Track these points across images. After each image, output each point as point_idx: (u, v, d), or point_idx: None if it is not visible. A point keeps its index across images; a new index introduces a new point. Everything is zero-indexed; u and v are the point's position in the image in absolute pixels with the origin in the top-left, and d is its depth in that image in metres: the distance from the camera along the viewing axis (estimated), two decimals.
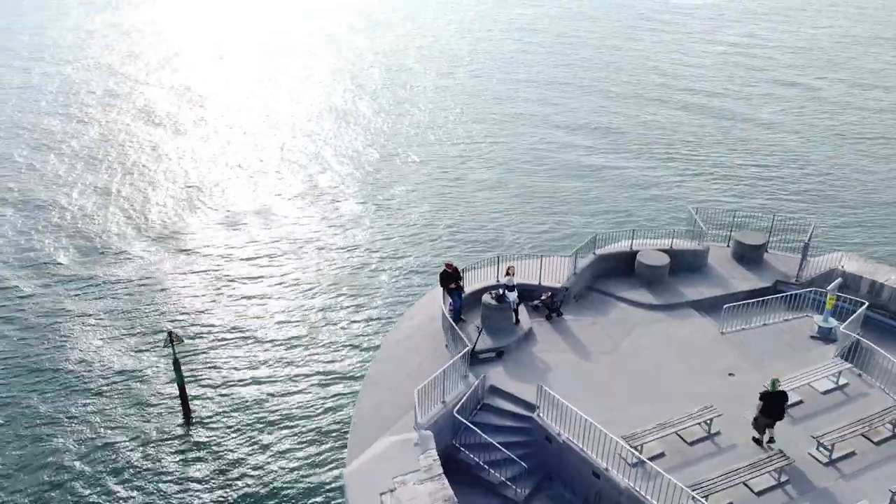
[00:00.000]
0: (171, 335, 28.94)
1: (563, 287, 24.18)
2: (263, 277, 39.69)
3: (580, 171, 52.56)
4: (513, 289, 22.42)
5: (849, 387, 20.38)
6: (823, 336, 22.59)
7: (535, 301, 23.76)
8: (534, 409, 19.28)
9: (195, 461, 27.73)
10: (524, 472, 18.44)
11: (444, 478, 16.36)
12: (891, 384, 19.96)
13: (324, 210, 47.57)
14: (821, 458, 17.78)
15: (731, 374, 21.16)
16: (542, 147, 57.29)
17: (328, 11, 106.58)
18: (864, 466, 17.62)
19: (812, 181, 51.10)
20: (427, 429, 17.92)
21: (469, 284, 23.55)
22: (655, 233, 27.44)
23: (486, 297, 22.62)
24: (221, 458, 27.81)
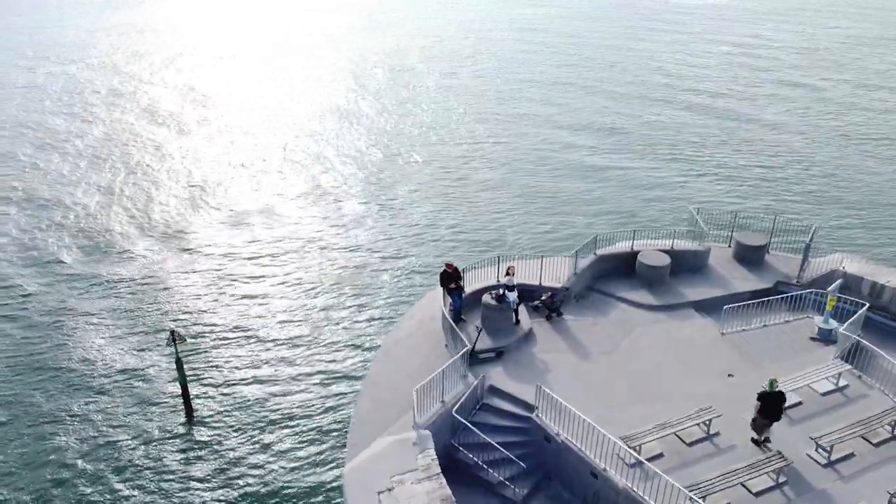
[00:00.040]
0: (174, 334, 28.99)
1: (564, 287, 24.18)
2: (266, 277, 39.78)
3: (583, 172, 52.54)
4: (513, 289, 22.43)
5: (848, 388, 20.33)
6: (824, 337, 22.53)
7: (536, 301, 23.75)
8: (533, 410, 19.31)
9: (197, 459, 27.81)
10: (523, 472, 18.49)
11: (442, 477, 16.40)
12: (891, 386, 19.90)
13: (326, 210, 47.64)
14: (819, 460, 17.75)
15: (731, 375, 21.13)
16: (545, 147, 57.28)
17: (331, 10, 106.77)
18: (863, 468, 17.57)
19: (816, 182, 50.95)
20: (426, 428, 17.95)
21: (469, 284, 23.57)
22: (657, 233, 27.39)
23: (486, 298, 22.63)
24: (223, 457, 27.88)
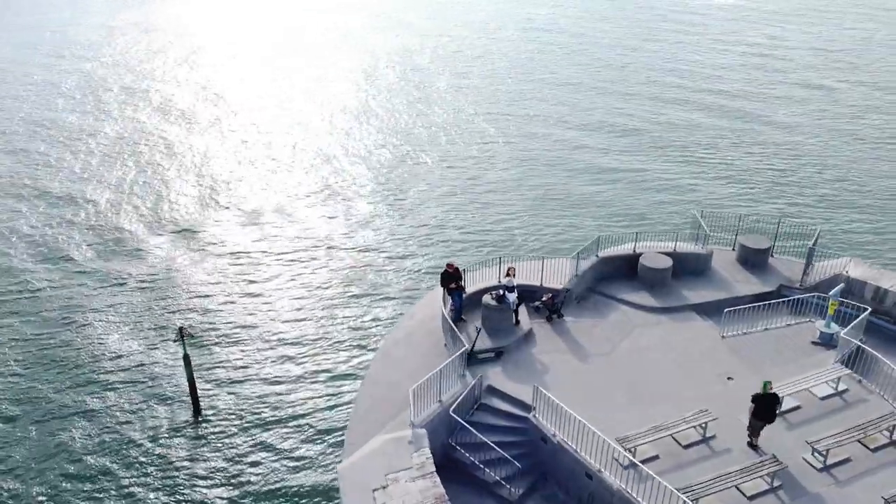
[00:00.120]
0: (182, 330, 29.33)
1: (565, 288, 24.21)
2: (273, 275, 40.10)
3: (594, 173, 52.47)
4: (513, 290, 22.53)
5: (848, 393, 20.26)
6: (825, 341, 22.44)
7: (537, 302, 23.83)
8: (530, 410, 19.41)
9: (204, 455, 28.13)
10: (519, 472, 18.57)
11: (437, 476, 16.55)
12: (890, 391, 19.79)
13: (336, 209, 47.91)
14: (815, 464, 17.72)
15: (730, 378, 21.12)
16: (556, 148, 57.27)
17: (342, 10, 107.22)
18: (859, 473, 17.52)
19: (828, 185, 50.55)
20: (423, 427, 18.11)
21: (470, 285, 23.69)
22: (659, 236, 27.36)
23: (487, 298, 22.74)
24: (229, 453, 28.20)
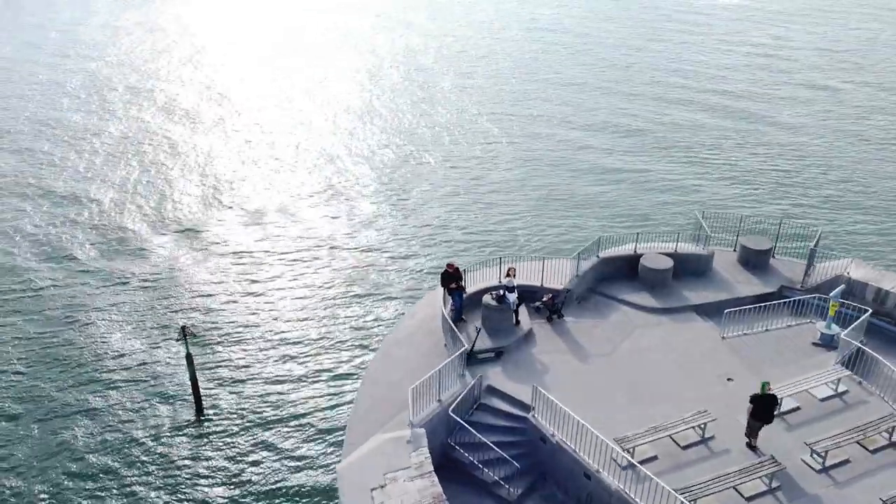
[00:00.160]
0: (185, 329, 29.44)
1: (565, 289, 24.24)
2: (276, 275, 40.20)
3: (597, 173, 52.44)
4: (513, 290, 22.56)
5: (848, 394, 20.23)
6: (825, 343, 22.42)
7: (537, 302, 23.85)
8: (529, 410, 19.44)
9: (206, 454, 28.24)
10: (518, 472, 18.61)
11: (434, 475, 16.59)
12: (890, 392, 19.76)
13: (338, 209, 47.99)
14: (814, 465, 17.71)
15: (730, 379, 21.11)
16: (560, 148, 57.26)
17: (346, 10, 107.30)
18: (858, 475, 17.50)
19: (833, 186, 50.41)
20: (422, 427, 18.15)
21: (470, 285, 23.73)
22: (661, 236, 27.35)
23: (487, 298, 22.78)
24: (231, 451, 28.30)
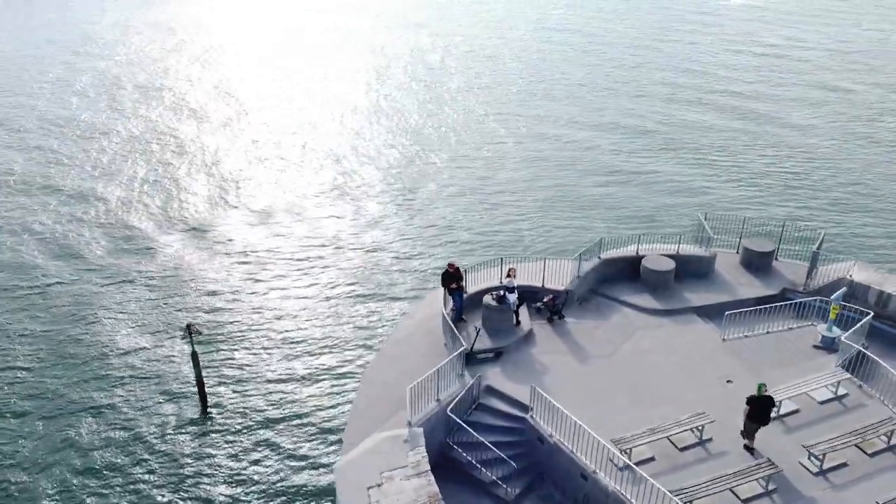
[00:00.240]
0: (190, 328, 29.60)
1: (566, 290, 24.31)
2: (282, 274, 40.38)
3: (605, 174, 52.30)
4: (513, 290, 22.65)
5: (848, 397, 20.22)
6: (826, 345, 22.40)
7: (538, 303, 23.93)
8: (528, 410, 19.52)
9: (211, 451, 28.39)
10: (515, 472, 18.69)
11: (431, 474, 16.71)
12: (890, 396, 19.73)
13: (345, 209, 48.14)
14: (811, 468, 17.71)
15: (730, 381, 21.12)
16: (568, 149, 57.18)
17: (354, 10, 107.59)
18: (855, 478, 17.49)
19: (841, 189, 50.03)
20: (420, 426, 18.27)
21: (471, 285, 23.84)
22: (663, 238, 27.36)
23: (487, 298, 22.88)
24: (237, 449, 28.46)
